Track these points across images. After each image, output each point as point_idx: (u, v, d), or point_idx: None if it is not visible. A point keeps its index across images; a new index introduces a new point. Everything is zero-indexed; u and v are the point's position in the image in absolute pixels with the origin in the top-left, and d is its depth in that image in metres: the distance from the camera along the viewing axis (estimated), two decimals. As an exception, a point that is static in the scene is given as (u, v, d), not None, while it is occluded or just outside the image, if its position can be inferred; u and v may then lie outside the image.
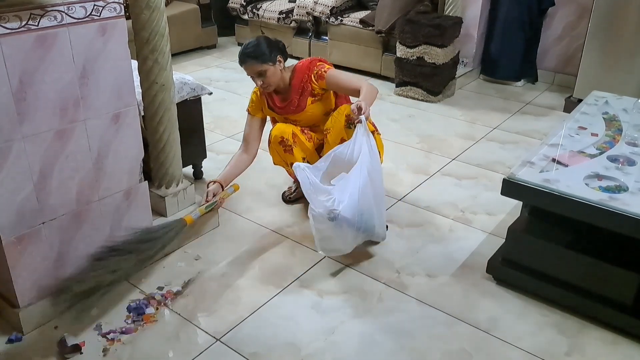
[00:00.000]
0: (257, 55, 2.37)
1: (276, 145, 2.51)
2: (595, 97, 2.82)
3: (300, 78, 2.49)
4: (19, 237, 1.80)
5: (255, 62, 2.38)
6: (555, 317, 2.05)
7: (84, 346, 1.87)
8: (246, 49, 2.40)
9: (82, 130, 1.88)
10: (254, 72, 2.41)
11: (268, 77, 2.41)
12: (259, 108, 2.60)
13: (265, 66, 2.38)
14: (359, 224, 2.17)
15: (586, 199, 1.88)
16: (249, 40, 2.45)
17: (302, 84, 2.48)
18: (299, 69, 2.51)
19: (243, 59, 2.41)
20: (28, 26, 1.63)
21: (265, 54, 2.37)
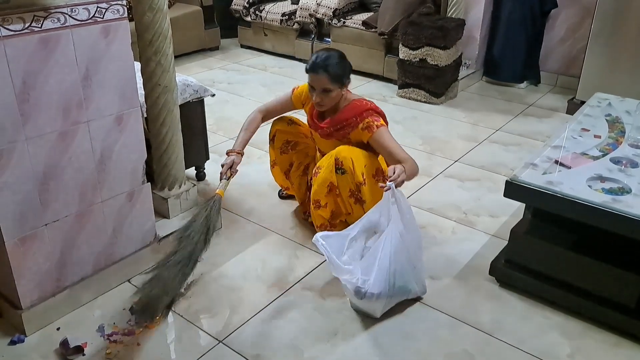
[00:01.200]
0: (332, 73, 2.20)
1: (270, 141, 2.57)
2: (598, 99, 2.82)
3: (346, 117, 2.30)
4: (22, 239, 1.81)
5: (327, 77, 2.20)
6: (558, 319, 2.04)
7: (86, 347, 1.87)
8: (324, 61, 2.21)
9: (85, 131, 1.88)
10: (320, 86, 2.23)
11: (329, 98, 2.26)
12: (302, 100, 2.49)
13: (333, 86, 2.23)
14: (392, 292, 1.99)
15: (589, 201, 1.88)
16: (326, 49, 2.31)
17: (346, 122, 2.30)
18: (354, 107, 2.30)
19: (316, 68, 2.21)
20: (31, 28, 1.63)
21: (340, 75, 2.23)
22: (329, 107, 2.31)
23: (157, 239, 2.28)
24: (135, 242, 2.20)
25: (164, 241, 2.30)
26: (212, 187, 2.96)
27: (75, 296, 2.03)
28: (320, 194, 2.29)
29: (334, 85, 2.23)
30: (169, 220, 2.40)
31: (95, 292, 2.10)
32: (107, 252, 2.10)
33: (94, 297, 2.09)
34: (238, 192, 2.89)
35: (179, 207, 2.44)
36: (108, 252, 2.11)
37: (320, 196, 2.29)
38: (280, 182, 2.75)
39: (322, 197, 2.29)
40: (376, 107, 2.34)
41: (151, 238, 2.26)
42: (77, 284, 2.03)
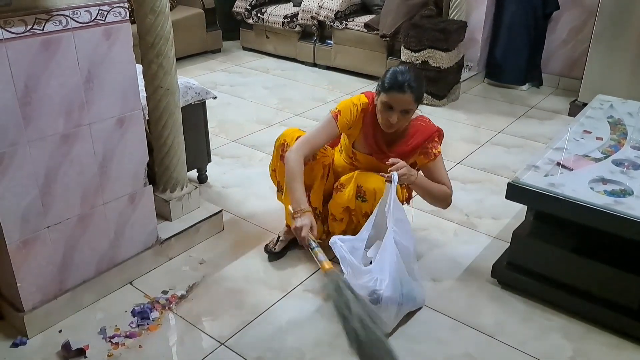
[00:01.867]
0: (417, 94, 2.01)
1: (277, 147, 2.25)
2: (600, 101, 2.81)
3: (416, 144, 2.13)
4: (24, 241, 1.81)
5: (413, 99, 2.00)
6: (560, 321, 2.04)
7: (88, 350, 1.87)
8: (411, 80, 1.98)
9: (87, 134, 1.88)
10: (402, 106, 2.00)
11: (406, 119, 2.05)
12: (349, 124, 2.14)
13: (413, 107, 2.03)
14: (401, 299, 1.94)
15: (591, 203, 1.87)
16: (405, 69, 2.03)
17: (414, 150, 2.14)
18: (421, 130, 2.14)
19: (404, 88, 1.97)
20: (33, 30, 1.64)
21: (421, 96, 2.05)
22: (400, 129, 2.11)
23: (159, 241, 2.28)
24: (137, 244, 2.20)
25: (166, 243, 2.30)
26: (215, 189, 2.96)
27: (77, 299, 2.03)
28: (337, 211, 2.21)
29: (414, 105, 2.03)
30: (171, 223, 2.41)
31: (98, 294, 2.10)
32: (109, 254, 2.10)
33: (96, 299, 2.10)
34: (239, 194, 2.90)
35: (180, 210, 2.44)
36: (110, 255, 2.11)
37: (337, 212, 2.21)
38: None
39: (338, 213, 2.21)
40: (440, 131, 2.21)
41: (153, 240, 2.26)
42: (79, 286, 2.03)
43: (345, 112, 2.12)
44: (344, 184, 2.17)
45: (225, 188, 2.98)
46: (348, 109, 2.13)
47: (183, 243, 2.38)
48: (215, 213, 2.52)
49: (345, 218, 2.22)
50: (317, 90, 4.57)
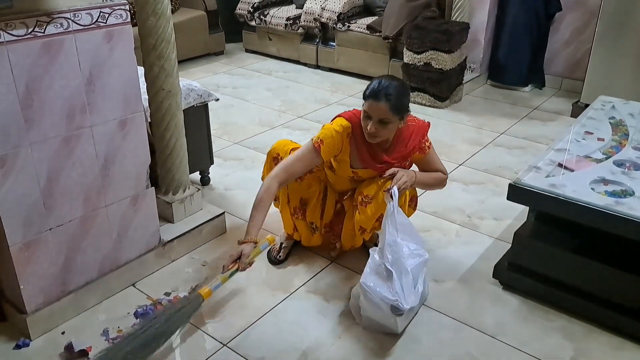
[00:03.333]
0: (395, 104, 1.98)
1: (270, 160, 2.24)
2: (602, 102, 2.81)
3: (414, 145, 2.16)
4: (26, 243, 1.82)
5: (389, 108, 1.98)
6: (561, 321, 2.04)
7: (91, 351, 1.88)
8: (388, 90, 1.98)
9: (88, 136, 1.89)
10: (379, 117, 1.99)
11: (387, 130, 2.03)
12: (335, 152, 2.12)
13: (394, 118, 2.01)
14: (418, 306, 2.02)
15: (592, 204, 1.87)
16: (388, 77, 2.07)
17: (412, 150, 2.17)
18: (415, 131, 2.16)
19: (378, 96, 1.97)
20: (34, 33, 1.65)
21: (402, 108, 2.02)
22: (381, 140, 2.09)
23: (162, 243, 2.29)
24: (139, 246, 2.21)
25: (168, 245, 2.31)
26: (217, 191, 2.97)
27: (80, 300, 2.04)
28: (369, 224, 2.16)
29: (394, 117, 2.00)
30: (174, 225, 2.41)
31: (100, 296, 2.11)
32: (111, 256, 2.11)
33: (99, 301, 2.11)
34: (242, 196, 2.90)
35: (183, 212, 2.45)
36: (113, 257, 2.12)
37: (369, 225, 2.16)
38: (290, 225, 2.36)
39: (369, 226, 2.17)
40: (427, 125, 2.23)
41: (155, 242, 2.27)
42: (81, 288, 2.04)
43: (328, 142, 2.08)
44: (369, 195, 2.12)
45: (228, 190, 2.99)
46: (331, 138, 2.09)
47: (185, 245, 2.39)
48: (218, 215, 2.53)
49: (374, 228, 2.19)
50: (320, 92, 4.58)
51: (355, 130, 2.12)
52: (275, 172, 2.08)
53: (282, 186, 2.11)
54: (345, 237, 2.32)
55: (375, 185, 2.13)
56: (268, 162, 2.28)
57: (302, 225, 2.32)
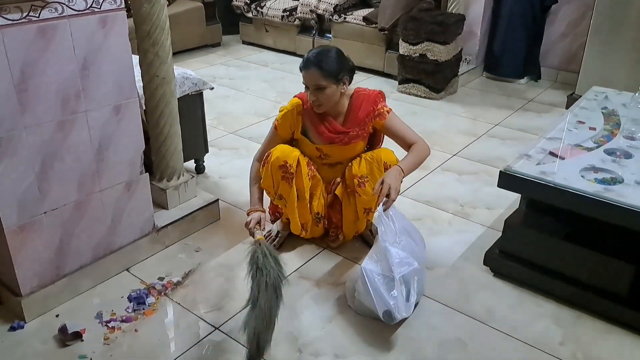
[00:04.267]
0: (323, 67, 2.08)
1: (275, 169, 2.18)
2: (595, 92, 2.83)
3: (367, 111, 2.21)
4: (21, 226, 1.84)
5: (319, 73, 2.07)
6: (551, 307, 2.06)
7: (84, 333, 1.90)
8: (314, 56, 2.10)
9: (83, 121, 1.91)
10: (313, 84, 2.10)
11: (325, 96, 2.11)
12: (289, 129, 2.28)
13: (327, 82, 2.09)
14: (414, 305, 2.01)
15: (581, 191, 1.89)
16: (322, 46, 2.20)
17: (366, 117, 2.21)
18: (365, 99, 2.22)
19: (307, 64, 2.10)
20: (29, 17, 1.66)
21: (332, 70, 2.09)
22: (327, 107, 2.17)
23: (156, 229, 2.31)
24: (134, 231, 2.23)
25: (162, 231, 2.33)
26: (212, 180, 2.99)
27: (74, 284, 2.06)
28: (373, 202, 2.19)
29: (327, 81, 2.09)
30: (168, 211, 2.43)
31: (94, 280, 2.13)
32: (106, 241, 2.13)
33: (93, 285, 2.12)
34: (236, 184, 2.92)
35: (177, 198, 2.47)
36: (107, 241, 2.14)
37: (373, 203, 2.20)
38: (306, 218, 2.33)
39: (374, 204, 2.19)
40: (379, 92, 2.29)
41: (150, 228, 2.29)
42: (76, 272, 2.06)
43: (282, 120, 2.28)
44: (363, 174, 2.18)
45: (223, 178, 3.01)
46: (283, 116, 2.27)
47: (179, 231, 2.41)
48: (212, 202, 2.55)
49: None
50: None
51: (307, 105, 2.25)
52: (258, 157, 2.34)
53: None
54: (347, 226, 2.33)
55: (364, 162, 2.19)
56: (273, 170, 2.19)
57: (309, 218, 2.32)
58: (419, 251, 2.04)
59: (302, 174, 2.20)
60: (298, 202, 2.24)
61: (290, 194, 2.21)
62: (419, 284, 1.97)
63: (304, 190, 2.22)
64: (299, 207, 2.25)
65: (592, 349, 1.88)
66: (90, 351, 1.84)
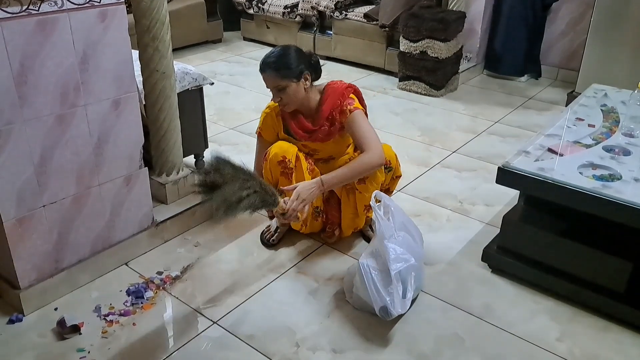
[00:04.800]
0: (278, 67, 2.07)
1: (274, 165, 2.18)
2: (595, 89, 2.83)
3: (331, 105, 2.16)
4: (20, 219, 1.84)
5: (276, 74, 2.08)
6: (548, 304, 2.07)
7: (82, 327, 1.90)
8: (269, 57, 2.11)
9: (82, 115, 1.91)
10: (272, 86, 2.11)
11: (288, 95, 2.11)
12: (273, 130, 2.29)
13: (286, 82, 2.08)
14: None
15: (579, 187, 1.90)
16: (276, 47, 2.18)
17: (332, 111, 2.16)
18: (333, 92, 2.18)
19: (263, 67, 2.12)
20: (29, 11, 1.67)
21: (289, 68, 2.08)
22: (295, 106, 2.16)
23: (155, 224, 2.31)
24: (132, 226, 2.23)
25: (161, 226, 2.34)
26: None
27: (72, 278, 2.07)
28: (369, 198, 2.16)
29: (285, 81, 2.08)
30: (167, 206, 2.44)
31: (93, 274, 2.13)
32: (104, 235, 2.14)
33: (92, 279, 2.13)
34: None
35: (176, 193, 2.47)
36: (105, 235, 2.14)
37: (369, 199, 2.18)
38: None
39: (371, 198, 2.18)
40: (352, 86, 2.22)
41: (149, 222, 2.29)
42: (74, 265, 2.07)
43: (263, 125, 2.32)
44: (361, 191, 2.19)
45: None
46: (264, 120, 2.31)
47: (178, 226, 2.42)
48: (211, 197, 2.55)
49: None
50: (316, 80, 4.58)
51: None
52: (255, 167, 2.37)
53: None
54: (346, 223, 2.34)
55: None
56: (271, 167, 2.19)
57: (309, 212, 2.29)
58: (416, 247, 2.04)
59: (302, 169, 2.20)
60: None
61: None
62: (416, 280, 1.98)
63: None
64: None
65: (590, 346, 1.88)
66: (88, 344, 1.85)
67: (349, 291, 2.05)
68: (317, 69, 2.19)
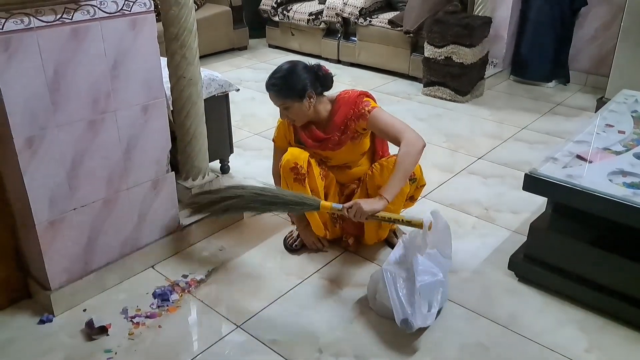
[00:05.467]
0: (280, 88, 2.10)
1: (287, 172, 2.17)
2: (625, 95, 2.77)
3: (344, 114, 2.16)
4: (51, 222, 1.89)
5: (278, 95, 2.11)
6: (577, 314, 2.03)
7: (110, 328, 1.94)
8: (272, 78, 2.13)
9: (112, 120, 1.96)
10: (278, 105, 2.16)
11: (293, 113, 2.14)
12: (285, 139, 2.32)
13: (289, 102, 2.11)
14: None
15: (609, 195, 1.86)
16: (279, 66, 2.17)
17: (346, 120, 2.16)
18: (344, 102, 2.19)
19: (267, 88, 2.15)
20: (62, 19, 1.72)
21: (291, 89, 2.09)
22: (303, 121, 2.19)
23: (181, 227, 2.35)
24: (159, 229, 2.27)
25: (187, 230, 2.37)
26: (236, 179, 3.03)
27: (101, 280, 2.11)
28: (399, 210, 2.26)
29: (289, 101, 2.11)
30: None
31: (121, 276, 2.17)
32: (132, 238, 2.18)
33: (119, 281, 2.17)
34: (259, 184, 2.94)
35: (202, 198, 2.50)
36: (133, 238, 2.18)
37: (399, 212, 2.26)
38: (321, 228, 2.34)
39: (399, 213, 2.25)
40: (363, 92, 2.21)
41: (175, 226, 2.33)
42: (103, 267, 2.11)
43: (277, 133, 2.37)
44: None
45: (247, 179, 3.04)
46: (277, 128, 2.36)
47: (203, 230, 2.44)
48: (236, 202, 2.57)
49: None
50: (340, 86, 4.53)
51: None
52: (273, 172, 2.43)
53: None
54: (369, 235, 2.33)
55: (386, 170, 2.17)
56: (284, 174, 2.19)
57: (328, 217, 2.33)
58: (445, 263, 2.00)
59: (314, 174, 2.21)
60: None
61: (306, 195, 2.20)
62: (443, 295, 1.94)
63: (318, 189, 2.22)
64: None
65: (619, 357, 1.84)
66: (115, 345, 1.88)
67: (372, 298, 2.04)
68: (326, 81, 2.18)
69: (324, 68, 2.19)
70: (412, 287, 1.87)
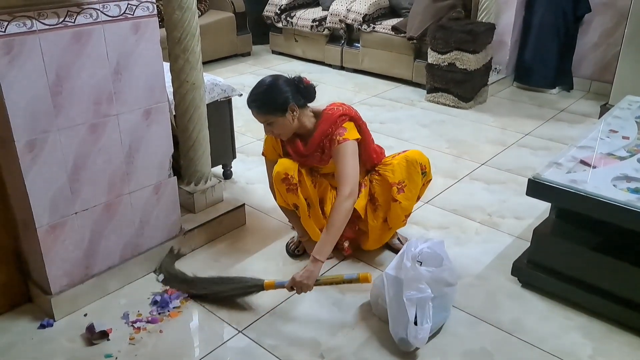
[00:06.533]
0: (261, 105, 2.06)
1: (279, 184, 2.16)
2: (629, 101, 2.76)
3: (323, 132, 2.13)
4: (53, 225, 1.88)
5: (259, 111, 2.07)
6: (581, 320, 2.01)
7: (111, 333, 1.93)
8: (252, 94, 2.08)
9: (114, 124, 1.95)
10: (260, 121, 2.11)
11: (278, 127, 2.10)
12: (274, 151, 2.28)
13: (272, 118, 2.07)
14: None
15: (613, 200, 1.84)
16: (259, 82, 2.13)
17: (322, 138, 2.13)
18: (326, 119, 2.14)
19: (249, 105, 2.08)
20: (65, 23, 1.72)
21: (273, 104, 2.04)
22: (288, 135, 2.15)
23: (183, 232, 2.34)
24: (161, 234, 2.26)
25: (189, 234, 2.36)
26: (238, 185, 3.03)
27: (102, 284, 2.10)
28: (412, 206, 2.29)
29: (271, 116, 2.06)
30: (194, 215, 2.46)
31: (122, 281, 2.16)
32: (133, 242, 2.17)
33: (120, 286, 2.16)
34: (262, 190, 2.93)
35: (204, 202, 2.50)
36: (135, 243, 2.17)
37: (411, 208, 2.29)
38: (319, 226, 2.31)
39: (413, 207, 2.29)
40: (349, 112, 2.17)
41: (177, 231, 2.32)
42: (104, 272, 2.10)
43: (265, 145, 2.31)
44: (402, 180, 2.22)
45: (249, 184, 3.03)
46: (266, 141, 2.30)
47: (205, 235, 2.44)
48: (238, 207, 2.57)
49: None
50: (344, 93, 4.60)
51: None
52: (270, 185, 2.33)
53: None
54: (373, 238, 2.31)
55: (399, 168, 2.21)
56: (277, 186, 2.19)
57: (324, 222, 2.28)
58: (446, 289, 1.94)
59: (306, 184, 2.18)
60: (310, 209, 2.24)
61: (300, 204, 2.19)
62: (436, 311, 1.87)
63: (312, 197, 2.22)
64: (312, 215, 2.25)
65: (624, 364, 1.82)
66: (115, 350, 1.87)
67: (374, 303, 2.03)
68: (308, 93, 2.13)
69: (305, 80, 2.14)
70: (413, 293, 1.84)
